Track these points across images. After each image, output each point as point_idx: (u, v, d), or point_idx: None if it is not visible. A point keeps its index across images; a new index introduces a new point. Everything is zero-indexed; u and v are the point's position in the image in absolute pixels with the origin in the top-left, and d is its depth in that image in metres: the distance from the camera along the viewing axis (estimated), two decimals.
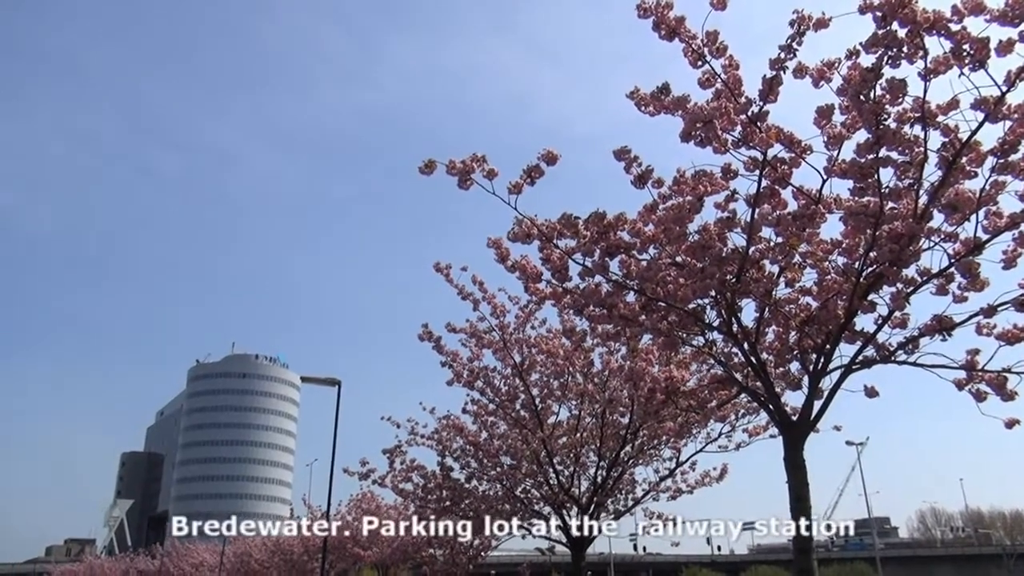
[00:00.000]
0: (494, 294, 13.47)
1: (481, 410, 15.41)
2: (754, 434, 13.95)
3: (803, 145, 6.80)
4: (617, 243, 7.53)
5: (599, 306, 7.92)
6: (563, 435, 15.13)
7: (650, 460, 15.44)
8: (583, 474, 15.44)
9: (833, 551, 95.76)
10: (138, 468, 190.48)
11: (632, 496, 15.89)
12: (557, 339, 14.03)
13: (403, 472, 17.29)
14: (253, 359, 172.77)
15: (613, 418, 14.48)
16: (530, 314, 13.82)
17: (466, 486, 16.44)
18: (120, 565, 69.81)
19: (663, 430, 13.85)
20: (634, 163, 7.24)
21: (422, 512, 18.78)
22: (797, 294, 8.05)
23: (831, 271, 7.69)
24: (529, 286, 8.65)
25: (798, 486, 7.38)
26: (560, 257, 7.76)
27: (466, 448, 16.14)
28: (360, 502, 33.54)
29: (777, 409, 7.94)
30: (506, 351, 13.95)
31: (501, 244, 8.47)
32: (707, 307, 7.90)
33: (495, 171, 7.14)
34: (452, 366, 14.39)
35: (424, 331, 13.82)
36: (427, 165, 7.13)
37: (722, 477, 16.07)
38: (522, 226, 7.50)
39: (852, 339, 7.68)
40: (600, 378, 14.17)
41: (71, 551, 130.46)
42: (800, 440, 7.58)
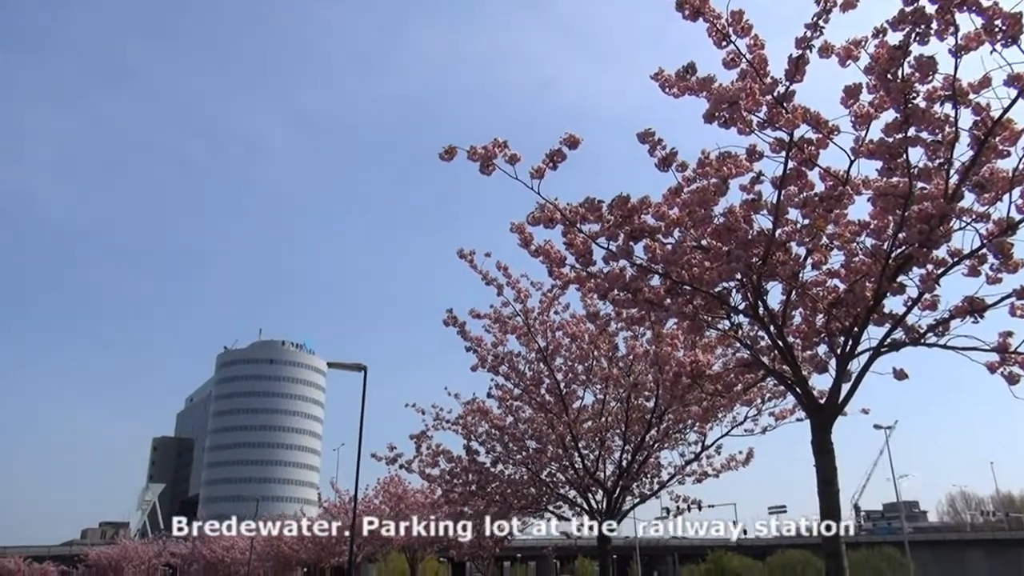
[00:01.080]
0: (518, 279, 13.48)
1: (506, 395, 15.47)
2: (780, 418, 13.86)
3: (830, 125, 6.69)
4: (641, 227, 7.49)
5: (624, 290, 7.89)
6: (588, 419, 15.16)
7: (675, 444, 15.43)
8: (608, 458, 15.47)
9: (861, 535, 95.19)
10: (169, 453, 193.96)
11: (658, 480, 15.90)
12: (581, 324, 14.03)
13: (430, 457, 17.43)
14: (280, 345, 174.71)
15: (638, 402, 14.48)
16: (554, 299, 13.82)
17: (492, 470, 16.54)
18: (153, 547, 71.19)
19: (688, 414, 13.82)
20: (658, 146, 7.18)
21: (449, 496, 18.94)
22: (824, 276, 7.95)
23: (859, 253, 7.59)
24: (553, 271, 8.63)
25: (826, 469, 7.33)
26: (584, 241, 7.74)
27: (491, 432, 16.22)
28: (387, 486, 33.87)
29: (804, 392, 7.88)
30: (530, 336, 13.97)
31: (524, 229, 8.47)
32: (733, 290, 7.84)
33: (517, 156, 7.12)
34: (477, 351, 14.45)
35: (449, 316, 13.88)
36: (447, 152, 7.13)
37: (748, 461, 16.02)
38: (545, 211, 7.48)
39: (881, 321, 7.58)
40: (625, 362, 14.16)
41: (106, 534, 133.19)
42: (828, 423, 7.52)
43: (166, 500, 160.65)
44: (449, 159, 7.08)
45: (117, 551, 70.70)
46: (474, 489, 17.27)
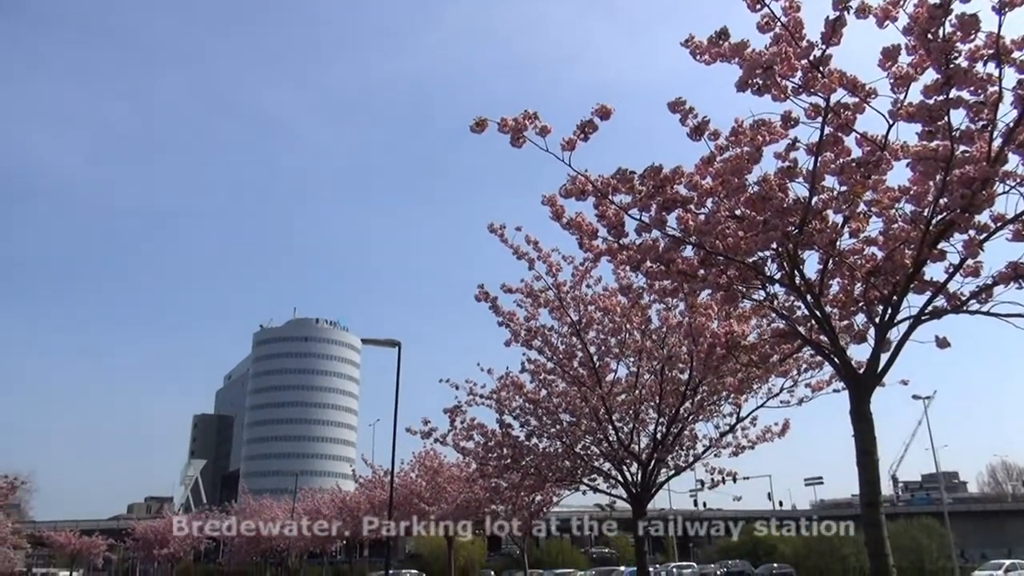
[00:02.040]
0: (549, 253, 13.43)
1: (539, 369, 15.51)
2: (817, 389, 13.70)
3: (867, 89, 6.52)
4: (674, 197, 7.41)
5: (657, 262, 7.83)
6: (622, 392, 15.15)
7: (710, 416, 15.36)
8: (643, 430, 15.48)
9: (899, 506, 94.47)
10: (209, 429, 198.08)
11: (692, 452, 15.86)
12: (613, 297, 13.97)
13: (464, 431, 17.56)
14: (314, 323, 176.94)
15: (672, 374, 14.43)
16: (586, 272, 13.76)
17: (526, 444, 16.63)
18: (196, 521, 72.91)
19: (723, 386, 13.75)
20: (690, 115, 7.08)
21: (484, 469, 19.11)
22: (862, 244, 7.80)
23: (898, 219, 7.43)
24: (584, 243, 8.58)
25: (864, 440, 7.25)
26: (616, 213, 7.67)
27: (525, 406, 16.29)
28: (423, 460, 34.25)
29: (843, 362, 7.78)
30: (562, 310, 13.96)
31: (555, 201, 8.42)
32: (768, 260, 7.74)
33: (548, 128, 7.06)
34: (509, 326, 14.48)
35: (480, 292, 13.90)
36: (478, 123, 7.09)
37: (784, 432, 15.90)
38: (576, 183, 7.43)
39: (921, 289, 7.44)
40: (658, 335, 14.10)
41: (151, 508, 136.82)
42: (866, 393, 7.43)
43: (208, 475, 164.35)
44: (480, 131, 7.04)
45: (162, 524, 72.53)
46: (509, 463, 17.40)
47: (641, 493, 15.23)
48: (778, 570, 55.94)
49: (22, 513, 65.15)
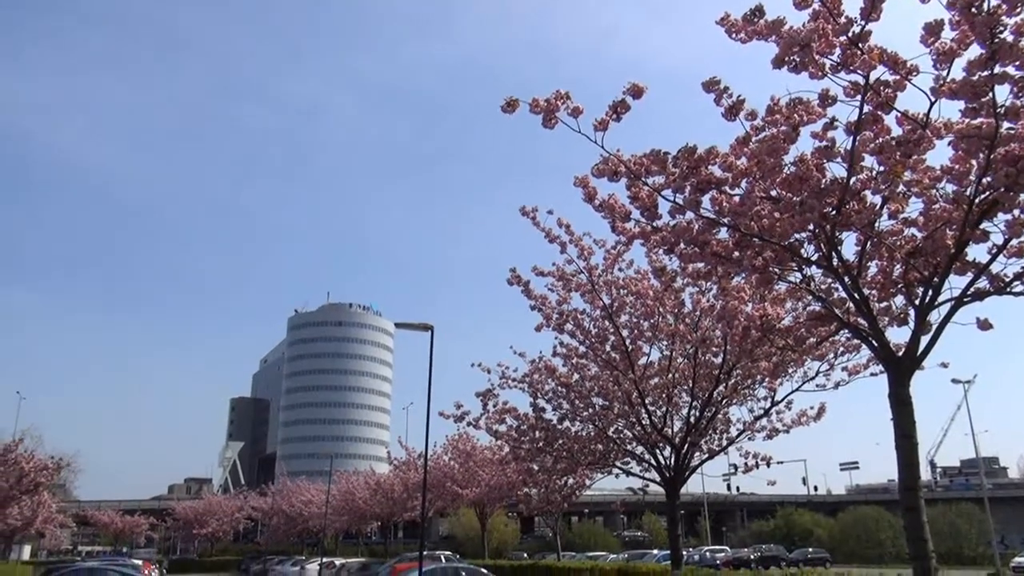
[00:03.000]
0: (581, 236, 13.37)
1: (571, 352, 15.49)
2: (854, 372, 13.46)
3: (908, 66, 6.36)
4: (708, 178, 7.31)
5: (691, 244, 7.75)
6: (655, 376, 15.08)
7: (744, 400, 15.23)
8: (676, 414, 15.40)
9: (937, 491, 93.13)
10: (246, 412, 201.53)
11: (726, 436, 15.75)
12: (646, 280, 13.88)
13: (496, 414, 17.60)
14: (348, 308, 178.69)
15: (706, 358, 14.33)
16: (618, 255, 13.69)
17: (559, 427, 16.66)
18: (235, 502, 74.48)
19: (758, 369, 13.61)
20: (724, 94, 6.97)
21: (516, 452, 19.18)
22: (902, 225, 7.65)
23: (939, 200, 7.27)
24: (617, 225, 8.53)
25: (904, 423, 7.13)
26: (649, 195, 7.60)
27: (558, 390, 16.30)
28: (456, 443, 34.54)
29: (881, 345, 7.65)
30: (594, 293, 13.90)
31: (588, 182, 8.36)
32: (805, 241, 7.62)
33: (580, 108, 7.00)
34: (541, 310, 14.47)
35: (512, 275, 13.89)
36: (509, 104, 7.05)
37: (820, 416, 15.68)
38: (609, 163, 7.36)
39: (963, 270, 7.28)
40: (691, 318, 13.99)
41: (191, 489, 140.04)
42: (906, 376, 7.30)
43: (245, 457, 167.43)
44: (511, 111, 7.00)
45: (202, 505, 74.20)
46: (541, 446, 17.44)
47: (674, 477, 15.18)
48: (813, 554, 55.51)
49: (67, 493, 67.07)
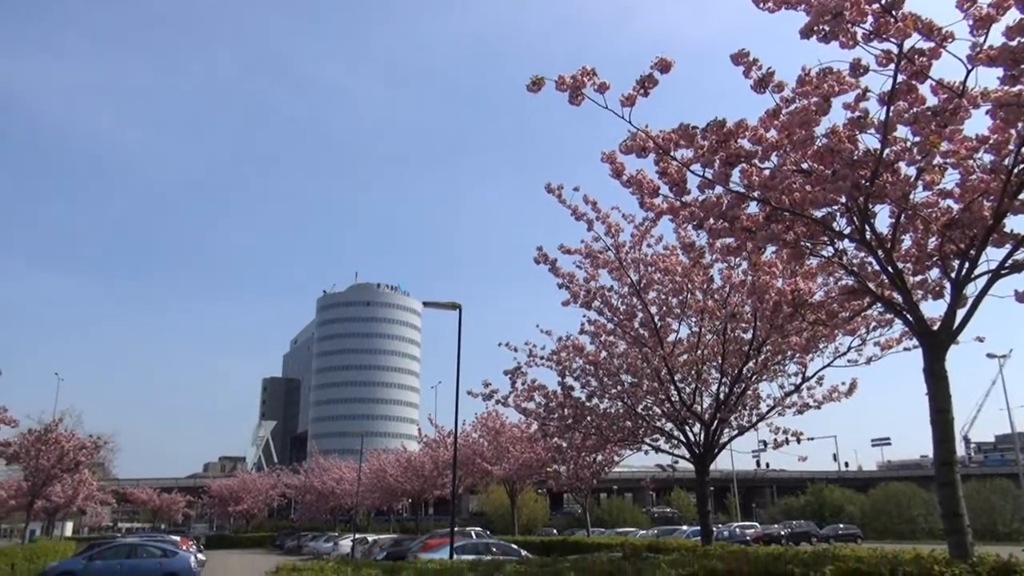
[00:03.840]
0: (608, 213, 13.29)
1: (599, 330, 15.45)
2: (887, 347, 13.27)
3: (944, 33, 6.20)
4: (738, 152, 7.22)
5: (720, 219, 7.66)
6: (684, 353, 15.01)
7: (774, 376, 15.11)
8: (705, 390, 15.33)
9: (971, 467, 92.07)
10: (278, 392, 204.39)
11: (756, 412, 15.66)
12: (674, 256, 13.78)
13: (525, 392, 17.65)
14: (376, 288, 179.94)
15: (735, 334, 14.22)
16: (646, 231, 13.59)
17: (587, 404, 16.67)
18: (268, 479, 75.71)
19: (788, 345, 13.48)
20: (754, 66, 6.86)
21: (545, 430, 19.26)
22: (937, 197, 7.51)
23: (976, 170, 7.11)
24: (645, 201, 8.46)
25: (939, 398, 7.04)
26: (678, 170, 7.53)
27: (586, 367, 16.29)
28: (485, 420, 34.72)
29: (916, 319, 7.54)
30: (622, 270, 13.84)
31: (615, 158, 8.30)
32: (837, 214, 7.50)
33: (607, 84, 6.94)
34: (569, 287, 14.43)
35: (540, 254, 13.85)
36: (535, 82, 7.00)
37: (851, 392, 15.53)
38: (637, 139, 7.29)
39: (1001, 242, 7.13)
40: (720, 294, 13.87)
41: (225, 467, 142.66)
42: (941, 351, 7.20)
43: (278, 436, 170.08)
44: (537, 90, 6.95)
45: (236, 483, 75.55)
46: (570, 423, 17.48)
47: (704, 453, 15.15)
48: (844, 530, 55.22)
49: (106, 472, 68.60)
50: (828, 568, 7.90)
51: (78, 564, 24.55)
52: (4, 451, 24.84)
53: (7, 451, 25.79)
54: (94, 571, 23.90)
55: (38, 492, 33.07)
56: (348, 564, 9.39)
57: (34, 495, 33.02)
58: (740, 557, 8.96)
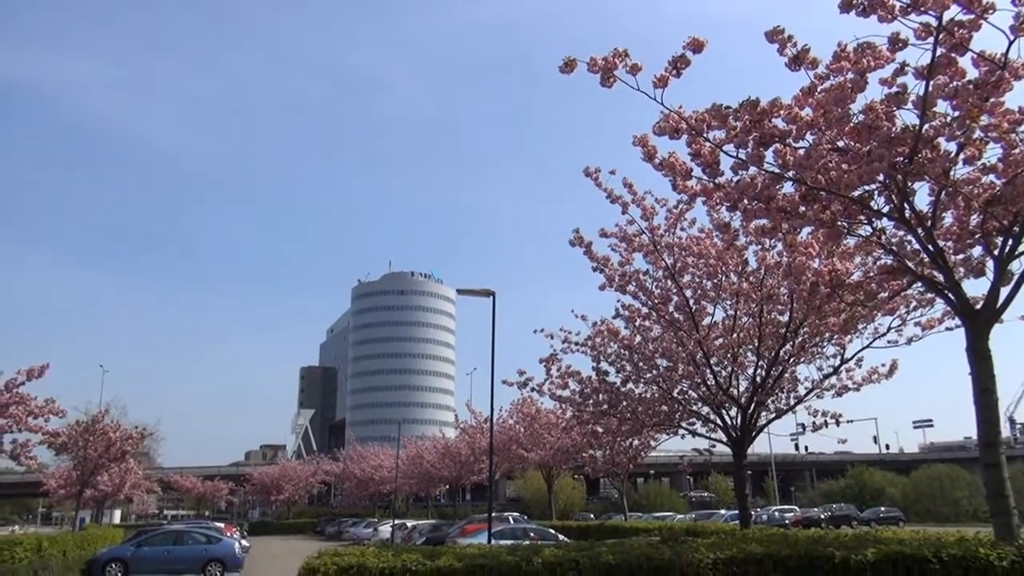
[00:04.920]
0: (643, 196, 13.21)
1: (634, 314, 15.40)
2: (928, 327, 13.01)
3: (984, 3, 6.05)
4: (772, 132, 7.12)
5: (755, 200, 7.58)
6: (719, 336, 14.90)
7: (812, 358, 14.93)
8: (742, 374, 15.19)
9: (1016, 448, 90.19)
10: (315, 381, 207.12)
11: (794, 395, 15.51)
12: (708, 239, 13.66)
13: (560, 379, 17.66)
14: (409, 276, 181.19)
15: (771, 316, 14.06)
16: (680, 214, 13.46)
17: (622, 389, 16.63)
18: (308, 467, 76.89)
19: (826, 326, 13.30)
20: (788, 44, 6.75)
21: (580, 416, 19.26)
22: (979, 172, 7.34)
23: (1019, 144, 6.93)
24: (678, 183, 8.39)
25: (983, 377, 6.92)
26: (711, 151, 7.45)
27: (621, 352, 16.24)
28: (521, 407, 34.85)
29: (958, 298, 7.40)
30: (657, 254, 13.75)
31: (647, 142, 8.23)
32: (875, 193, 7.38)
33: (639, 65, 6.87)
34: (603, 271, 14.38)
35: (575, 236, 13.80)
36: (567, 64, 6.96)
37: (891, 373, 15.29)
38: (669, 120, 7.23)
39: None
40: (756, 276, 13.73)
41: (266, 455, 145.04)
42: (985, 329, 7.07)
43: (316, 424, 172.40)
44: (569, 72, 6.91)
45: (277, 470, 76.85)
46: (605, 408, 17.46)
47: (741, 437, 15.04)
48: (885, 514, 54.48)
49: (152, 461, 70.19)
50: (870, 551, 7.83)
51: (127, 550, 25.23)
52: (53, 441, 25.48)
53: (56, 441, 26.45)
54: (142, 557, 24.55)
55: (87, 481, 33.96)
56: (388, 549, 9.50)
57: (83, 484, 33.91)
58: (780, 540, 8.92)
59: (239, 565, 25.68)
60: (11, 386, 20.89)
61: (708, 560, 8.01)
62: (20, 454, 21.83)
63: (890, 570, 7.73)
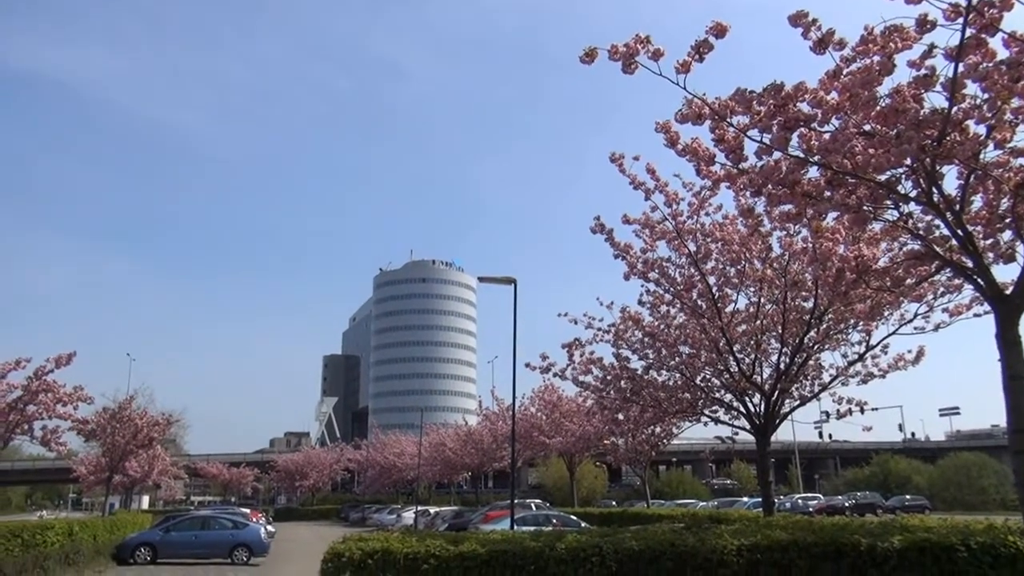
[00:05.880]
0: (666, 182, 13.12)
1: (657, 301, 15.33)
2: (956, 313, 12.80)
3: None
4: (796, 116, 7.03)
5: (779, 185, 7.49)
6: (742, 323, 14.80)
7: (837, 345, 14.80)
8: (765, 361, 15.09)
9: None
10: (338, 369, 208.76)
11: (819, 382, 15.38)
12: (732, 225, 13.55)
13: (582, 365, 17.63)
14: (431, 264, 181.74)
15: (796, 303, 13.94)
16: (704, 200, 13.36)
17: (644, 377, 16.58)
18: (332, 454, 77.63)
19: (851, 313, 13.17)
20: (812, 27, 6.65)
21: (603, 402, 19.24)
22: (1009, 155, 7.20)
23: None
24: (702, 169, 8.32)
25: (1013, 364, 6.81)
26: (735, 136, 7.37)
27: (644, 339, 16.18)
28: (543, 394, 34.89)
29: (988, 283, 7.28)
30: (680, 240, 13.67)
31: (670, 128, 8.17)
32: (902, 177, 7.26)
33: (661, 51, 6.81)
34: (625, 258, 14.32)
35: (596, 223, 13.73)
36: (587, 54, 6.91)
37: (918, 360, 15.11)
38: (692, 106, 7.16)
39: None
40: (779, 263, 13.60)
41: (290, 442, 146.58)
42: (1015, 315, 6.96)
43: (339, 411, 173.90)
44: (590, 62, 6.86)
45: (302, 457, 77.68)
46: (628, 395, 17.42)
47: (764, 424, 14.94)
48: (911, 502, 54.06)
49: (178, 448, 71.20)
50: (896, 538, 7.79)
51: (156, 535, 25.65)
52: (82, 428, 25.96)
53: (85, 428, 26.95)
54: (170, 542, 24.95)
55: (115, 467, 34.54)
56: (412, 534, 9.59)
57: (112, 470, 34.50)
58: (805, 527, 8.88)
59: (265, 550, 26.02)
60: (40, 374, 21.27)
61: (732, 546, 8.00)
62: (50, 440, 22.26)
63: (917, 558, 7.68)
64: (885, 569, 7.67)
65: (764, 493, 15.88)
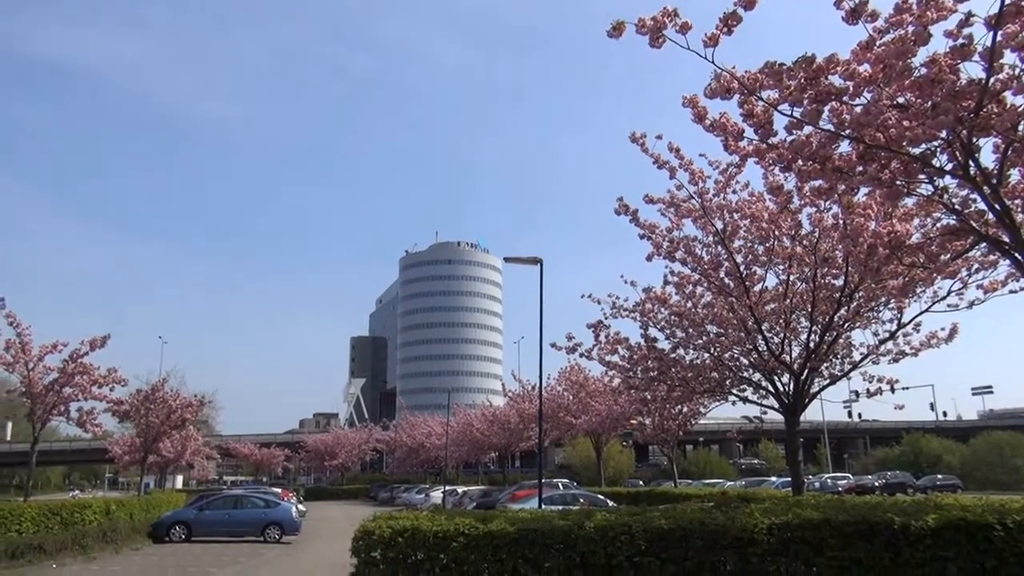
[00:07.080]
0: (691, 160, 12.94)
1: (684, 280, 15.20)
2: (991, 290, 12.51)
3: None
4: (828, 89, 6.88)
5: (810, 160, 7.35)
6: (771, 301, 14.64)
7: (868, 323, 14.59)
8: (795, 339, 14.92)
9: None
10: (365, 350, 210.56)
11: (849, 360, 15.20)
12: (760, 202, 13.37)
13: (608, 345, 17.54)
14: (456, 246, 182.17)
15: (826, 280, 13.74)
16: (731, 177, 13.17)
17: (672, 356, 16.49)
18: (361, 435, 78.42)
19: (883, 290, 12.96)
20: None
21: (629, 382, 19.18)
22: None
23: None
24: (729, 145, 8.19)
25: None
26: (764, 111, 7.24)
27: (671, 319, 16.07)
28: (569, 374, 34.90)
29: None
30: (707, 218, 13.51)
31: (697, 102, 8.05)
32: (938, 150, 7.09)
33: (689, 24, 6.68)
34: (651, 238, 14.20)
35: (620, 205, 13.61)
36: (615, 28, 6.79)
37: (951, 338, 14.83)
38: (721, 80, 7.04)
39: None
40: (809, 240, 13.40)
41: (319, 423, 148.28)
42: None
43: (367, 392, 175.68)
44: (618, 36, 6.75)
45: (331, 438, 78.56)
46: (655, 375, 17.34)
47: (794, 404, 14.81)
48: (943, 481, 53.43)
49: (210, 428, 72.47)
50: (931, 517, 7.68)
51: (190, 514, 26.16)
52: (117, 409, 26.50)
53: (120, 409, 27.51)
54: (204, 520, 25.43)
55: (150, 448, 35.15)
56: (441, 513, 9.66)
57: (146, 451, 35.11)
58: (836, 506, 8.80)
59: (296, 528, 26.40)
60: (75, 356, 21.72)
61: (763, 525, 7.95)
62: (86, 421, 22.77)
63: (952, 536, 7.58)
64: (919, 548, 7.58)
65: (793, 472, 15.77)
